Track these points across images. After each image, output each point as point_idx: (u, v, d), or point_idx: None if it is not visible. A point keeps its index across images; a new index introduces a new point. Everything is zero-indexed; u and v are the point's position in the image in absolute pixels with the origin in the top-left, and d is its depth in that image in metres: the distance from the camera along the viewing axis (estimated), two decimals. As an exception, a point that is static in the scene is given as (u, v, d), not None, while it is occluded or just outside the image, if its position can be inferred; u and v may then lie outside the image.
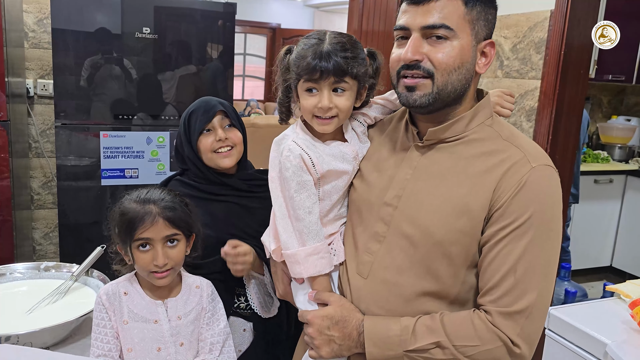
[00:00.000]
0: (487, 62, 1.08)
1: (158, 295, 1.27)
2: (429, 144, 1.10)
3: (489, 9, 1.06)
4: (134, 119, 2.77)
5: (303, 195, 1.13)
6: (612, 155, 4.39)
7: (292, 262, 1.15)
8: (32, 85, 3.03)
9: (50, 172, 3.17)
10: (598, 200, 4.04)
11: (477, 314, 1.01)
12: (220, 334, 1.31)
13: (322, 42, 1.09)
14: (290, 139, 1.16)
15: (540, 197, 0.99)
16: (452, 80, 1.03)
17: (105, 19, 2.64)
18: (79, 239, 2.72)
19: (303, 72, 1.09)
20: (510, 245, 0.98)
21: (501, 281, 0.98)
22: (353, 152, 1.18)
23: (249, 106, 7.84)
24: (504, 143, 1.06)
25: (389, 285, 1.08)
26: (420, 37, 1.04)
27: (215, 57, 2.91)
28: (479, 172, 1.03)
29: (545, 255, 1.00)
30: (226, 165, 1.51)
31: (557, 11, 2.32)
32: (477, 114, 1.09)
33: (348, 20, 3.97)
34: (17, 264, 1.68)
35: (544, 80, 2.40)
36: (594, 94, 4.53)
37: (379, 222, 1.12)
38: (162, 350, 1.24)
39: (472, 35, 1.04)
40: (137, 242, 1.20)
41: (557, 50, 2.33)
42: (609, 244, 4.21)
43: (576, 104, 2.40)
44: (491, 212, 1.01)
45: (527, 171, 1.00)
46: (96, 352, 1.22)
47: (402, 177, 1.11)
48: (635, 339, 1.36)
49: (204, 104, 1.54)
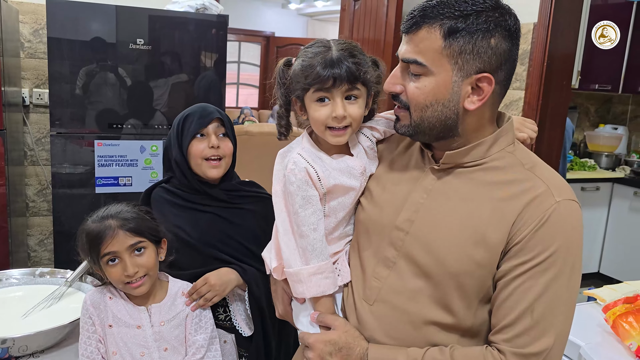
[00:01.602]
0: (481, 98, 0.96)
1: (141, 301, 1.31)
2: (446, 168, 1.04)
3: (480, 41, 0.93)
4: (128, 127, 2.82)
5: (308, 211, 1.08)
6: (599, 163, 4.46)
7: (295, 281, 1.09)
8: (27, 95, 3.08)
9: (45, 180, 3.21)
10: (585, 208, 4.09)
11: (491, 352, 0.95)
12: (205, 338, 1.34)
13: (330, 50, 1.05)
14: (296, 152, 1.11)
15: (564, 233, 0.93)
16: (427, 116, 0.99)
17: (100, 28, 2.68)
18: (73, 246, 2.75)
19: (314, 81, 1.04)
20: (530, 282, 0.93)
21: (518, 320, 0.93)
22: (361, 167, 1.12)
23: (242, 114, 7.89)
24: (527, 173, 0.99)
25: (397, 312, 1.03)
26: (402, 68, 1.01)
27: (208, 67, 2.96)
28: (497, 200, 0.97)
29: (567, 294, 0.94)
30: (213, 176, 1.51)
31: (540, 24, 2.39)
32: (499, 139, 1.01)
33: (339, 29, 4.05)
34: (13, 270, 1.73)
35: (527, 91, 2.47)
36: (581, 102, 4.61)
37: (389, 247, 1.06)
38: (146, 355, 1.28)
39: (453, 70, 0.95)
40: (105, 258, 1.25)
41: (540, 62, 2.41)
42: (596, 250, 4.27)
43: (559, 114, 2.47)
44: (509, 245, 0.95)
45: (551, 205, 0.94)
46: (83, 353, 1.27)
47: (415, 201, 1.04)
48: (608, 341, 1.42)
49: (201, 109, 1.53)
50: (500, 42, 0.95)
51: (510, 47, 0.97)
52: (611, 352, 1.37)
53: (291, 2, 8.69)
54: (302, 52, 1.09)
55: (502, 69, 0.97)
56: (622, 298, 1.45)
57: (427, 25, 0.95)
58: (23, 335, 1.34)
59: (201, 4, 2.94)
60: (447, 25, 0.93)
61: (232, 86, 9.05)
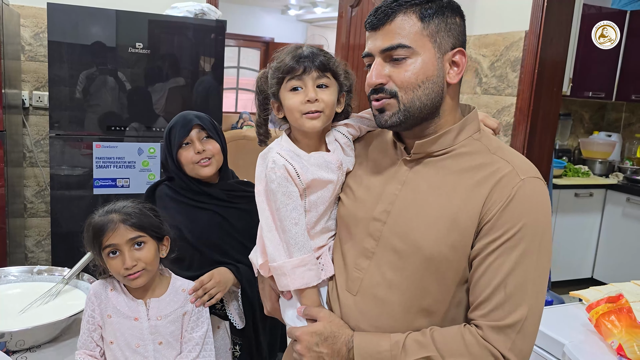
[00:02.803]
0: (460, 71, 1.06)
1: (140, 294, 1.35)
2: (417, 158, 1.09)
3: (450, 18, 1.04)
4: (127, 130, 2.85)
5: (289, 206, 1.13)
6: (593, 169, 4.50)
7: (279, 274, 1.14)
8: (27, 97, 3.11)
9: (43, 181, 3.24)
10: (579, 214, 4.15)
11: (468, 328, 0.98)
12: (200, 337, 1.38)
13: (300, 47, 1.15)
14: (275, 151, 1.18)
15: (530, 209, 0.98)
16: (419, 95, 1.03)
17: (100, 32, 2.73)
18: (70, 246, 2.75)
19: (285, 71, 1.13)
20: (501, 258, 0.97)
21: (492, 295, 0.97)
22: (337, 162, 1.18)
23: (241, 118, 7.94)
24: (492, 156, 1.04)
25: (378, 301, 1.06)
26: (382, 61, 1.05)
27: (206, 71, 3.00)
28: (468, 186, 1.02)
29: (537, 268, 0.98)
30: (206, 174, 1.58)
31: (531, 31, 2.44)
32: (465, 127, 1.08)
33: (337, 35, 4.10)
34: (11, 267, 1.76)
35: (519, 97, 2.51)
36: (575, 110, 4.66)
37: (368, 238, 1.10)
38: (141, 346, 1.32)
39: (434, 48, 1.03)
40: (106, 250, 1.30)
41: (531, 69, 2.45)
42: (589, 256, 4.30)
43: (550, 120, 2.52)
44: (480, 225, 0.99)
45: (517, 183, 0.98)
46: (80, 339, 1.33)
47: (390, 192, 1.09)
48: (591, 339, 1.45)
49: (181, 119, 1.61)
50: (460, 21, 1.07)
51: (465, 28, 1.08)
52: (594, 350, 1.41)
53: (290, 8, 8.75)
54: (275, 55, 1.19)
55: (464, 45, 1.07)
56: (605, 298, 1.48)
57: (401, 13, 1.03)
58: (20, 329, 1.37)
59: (200, 9, 2.99)
60: (420, 9, 1.02)
61: (231, 91, 9.09)
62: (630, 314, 1.43)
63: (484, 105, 2.77)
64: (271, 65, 1.18)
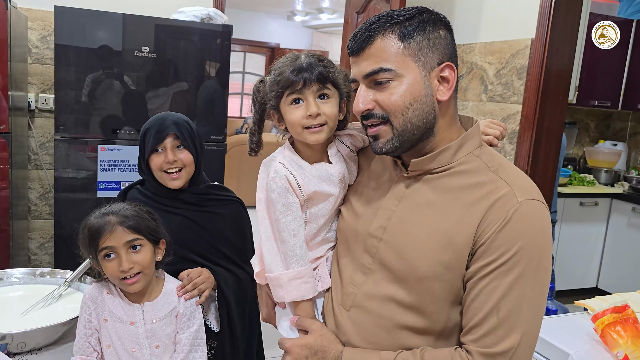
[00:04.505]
0: (450, 86, 1.01)
1: (136, 298, 1.34)
2: (415, 175, 1.07)
3: (432, 32, 0.99)
4: (131, 133, 2.86)
5: (288, 217, 1.12)
6: (598, 178, 4.48)
7: (275, 285, 1.13)
8: (33, 99, 3.13)
9: (48, 184, 3.24)
10: (584, 223, 4.13)
11: (459, 352, 0.96)
12: (187, 337, 1.37)
13: (298, 58, 1.12)
14: (277, 160, 1.16)
15: (527, 232, 0.94)
16: (409, 118, 1.00)
17: (107, 35, 2.73)
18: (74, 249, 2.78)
19: (285, 85, 1.10)
20: (495, 282, 0.94)
21: (484, 320, 0.94)
22: (339, 174, 1.16)
23: (246, 123, 7.95)
24: (491, 175, 1.01)
25: (371, 317, 1.05)
26: (366, 86, 1.02)
27: (211, 76, 3.01)
28: (464, 205, 0.99)
29: (532, 293, 0.94)
30: (173, 187, 1.57)
31: (537, 39, 2.44)
32: (465, 143, 1.04)
33: (342, 41, 4.11)
34: (14, 270, 1.75)
35: (525, 105, 2.51)
36: (581, 118, 4.65)
37: (365, 254, 1.09)
38: (137, 351, 1.31)
39: (418, 67, 0.99)
40: (102, 253, 1.28)
41: (537, 77, 2.45)
42: (594, 265, 4.28)
43: (555, 128, 2.51)
44: (475, 247, 0.97)
45: (513, 205, 0.95)
46: (77, 344, 1.32)
47: (387, 208, 1.08)
48: (596, 349, 1.44)
49: (158, 123, 1.56)
50: (446, 33, 1.02)
51: (452, 39, 1.04)
52: (599, 360, 1.39)
53: (296, 14, 8.78)
54: (273, 66, 1.15)
55: (454, 58, 1.03)
56: (610, 308, 1.47)
57: (379, 36, 0.99)
58: (22, 331, 1.37)
59: (206, 14, 3.00)
60: (398, 29, 0.99)
61: (237, 96, 9.12)
62: (636, 324, 1.42)
63: (489, 113, 2.76)
64: (269, 77, 1.16)
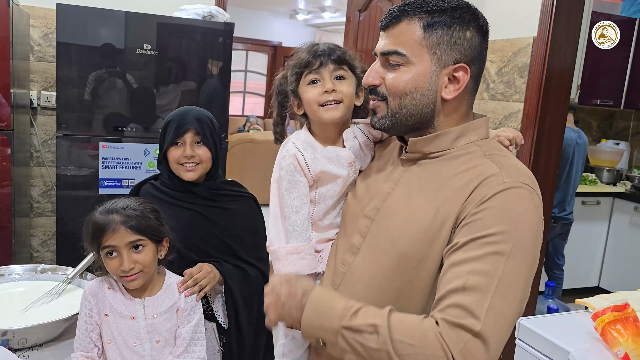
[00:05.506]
0: (459, 87, 1.01)
1: (137, 293, 1.35)
2: (415, 159, 1.07)
3: (457, 32, 0.99)
4: (133, 131, 2.86)
5: (293, 194, 1.18)
6: (600, 177, 4.48)
7: (274, 258, 1.19)
8: (35, 97, 3.13)
9: (50, 181, 3.25)
10: (586, 222, 4.12)
11: (429, 319, 0.92)
12: (187, 332, 1.37)
13: (317, 44, 1.21)
14: (291, 142, 1.24)
15: (508, 214, 0.92)
16: (405, 104, 1.02)
17: (109, 33, 2.74)
18: (75, 246, 2.78)
19: (303, 65, 1.19)
20: (465, 254, 0.92)
21: (450, 292, 0.91)
22: (349, 158, 1.20)
23: (248, 122, 7.96)
24: (485, 160, 1.00)
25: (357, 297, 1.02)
26: (381, 63, 1.06)
27: (213, 74, 3.01)
28: (454, 188, 0.99)
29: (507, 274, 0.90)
30: (188, 179, 1.57)
31: (539, 38, 2.43)
32: (468, 132, 1.04)
33: (344, 40, 4.11)
34: (15, 266, 1.76)
35: (526, 103, 2.50)
36: (583, 117, 4.64)
37: (357, 234, 1.10)
38: (138, 345, 1.31)
39: (432, 60, 1.00)
40: (104, 250, 1.29)
41: (539, 75, 2.44)
42: (596, 264, 4.28)
43: (557, 127, 2.50)
44: (456, 224, 0.96)
45: (497, 186, 0.94)
46: (77, 340, 1.32)
47: (384, 190, 1.09)
48: (596, 347, 1.43)
49: (180, 117, 1.58)
50: (474, 35, 1.01)
51: (482, 42, 1.03)
52: (599, 358, 1.39)
53: (299, 13, 8.78)
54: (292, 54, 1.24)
55: (475, 62, 1.03)
56: (611, 306, 1.46)
57: (406, 19, 1.01)
58: (23, 327, 1.37)
59: (208, 11, 3.00)
60: (426, 18, 1.00)
61: (239, 94, 9.13)
62: (636, 323, 1.41)
63: (491, 111, 2.76)
64: (289, 63, 1.24)
